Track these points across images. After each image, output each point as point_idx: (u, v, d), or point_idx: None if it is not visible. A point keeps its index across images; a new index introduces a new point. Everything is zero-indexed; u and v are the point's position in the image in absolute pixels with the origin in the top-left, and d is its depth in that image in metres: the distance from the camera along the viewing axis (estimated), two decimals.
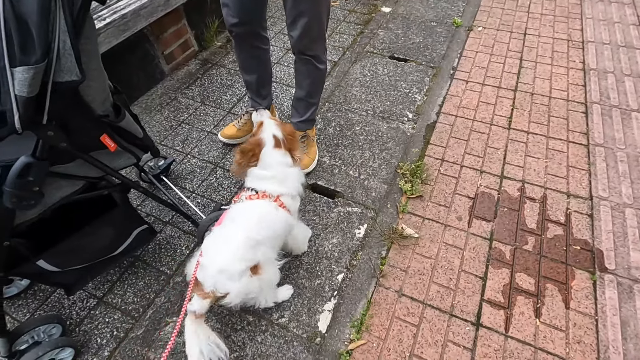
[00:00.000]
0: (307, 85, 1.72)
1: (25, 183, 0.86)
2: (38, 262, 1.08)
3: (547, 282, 1.45)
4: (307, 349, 1.31)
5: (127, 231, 1.27)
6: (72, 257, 1.16)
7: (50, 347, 1.17)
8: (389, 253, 1.57)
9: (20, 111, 0.75)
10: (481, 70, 2.47)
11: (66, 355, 1.25)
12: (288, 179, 1.24)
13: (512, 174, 1.84)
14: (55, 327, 1.26)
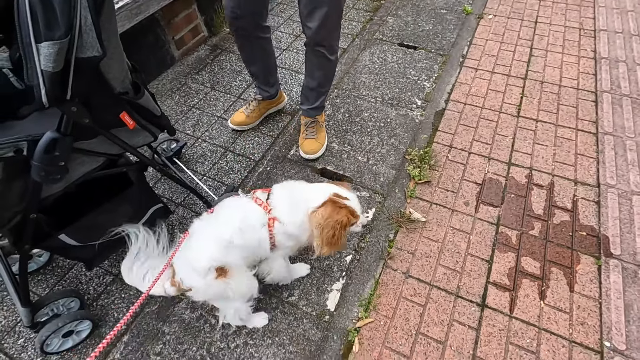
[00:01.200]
0: (319, 77, 1.72)
1: (52, 158, 0.89)
2: (60, 237, 1.12)
3: (553, 266, 1.48)
4: (316, 326, 1.35)
5: (143, 209, 1.31)
6: (92, 232, 1.20)
7: (69, 319, 1.22)
8: (397, 236, 1.60)
9: (47, 86, 0.78)
10: (491, 58, 2.46)
11: (84, 328, 1.30)
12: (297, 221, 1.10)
13: (520, 161, 1.85)
14: (73, 301, 1.31)
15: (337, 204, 1.08)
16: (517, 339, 1.30)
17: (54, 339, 1.23)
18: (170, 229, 1.62)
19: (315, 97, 1.81)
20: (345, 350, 1.30)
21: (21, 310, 1.15)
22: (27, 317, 1.16)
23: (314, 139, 1.86)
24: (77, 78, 0.84)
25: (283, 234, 1.12)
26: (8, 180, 0.88)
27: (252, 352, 1.30)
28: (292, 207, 1.11)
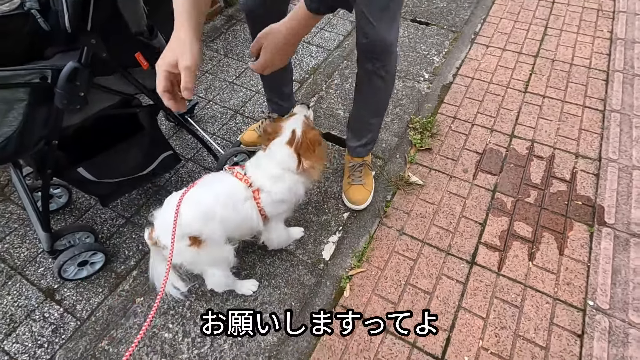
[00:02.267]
0: (376, 102, 1.44)
1: (73, 87, 0.98)
2: (79, 170, 1.22)
3: (545, 231, 1.51)
4: (311, 272, 1.43)
5: (154, 153, 1.40)
6: (107, 170, 1.30)
7: (84, 248, 1.34)
8: (394, 197, 1.65)
9: (70, 12, 0.86)
10: (503, 36, 2.45)
11: (98, 260, 1.42)
12: (280, 181, 1.13)
13: (522, 134, 1.87)
14: (89, 236, 1.43)
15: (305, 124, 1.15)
16: (502, 294, 1.35)
17: (70, 266, 1.35)
18: (179, 183, 1.72)
19: (368, 129, 1.53)
20: (336, 295, 1.38)
21: (42, 235, 1.26)
22: (47, 243, 1.27)
23: (361, 184, 1.59)
24: (97, 11, 0.92)
25: (271, 203, 1.14)
26: (34, 104, 0.97)
27: None
28: (269, 169, 1.12)
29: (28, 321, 1.32)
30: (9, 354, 1.25)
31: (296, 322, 1.29)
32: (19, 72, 0.91)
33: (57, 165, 1.16)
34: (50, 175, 1.16)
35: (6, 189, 1.68)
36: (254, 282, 1.39)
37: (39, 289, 1.40)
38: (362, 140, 1.56)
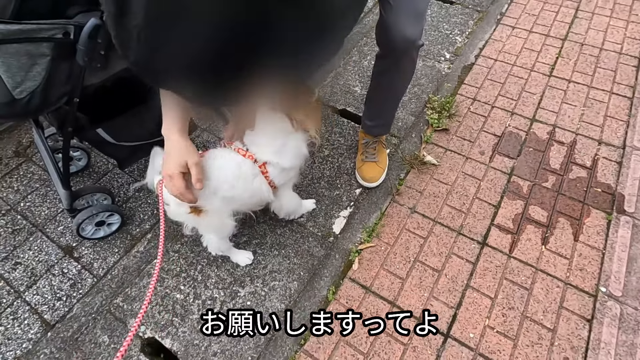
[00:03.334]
0: (393, 92, 1.44)
1: (95, 44, 0.98)
2: (98, 130, 1.24)
3: (560, 216, 1.48)
4: (321, 245, 1.45)
5: None
6: (125, 132, 1.32)
7: (102, 208, 1.37)
8: (407, 176, 1.64)
9: None
10: (531, 18, 2.35)
11: (114, 222, 1.46)
12: (284, 149, 1.10)
13: (544, 118, 1.82)
14: (106, 198, 1.46)
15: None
16: (512, 276, 1.34)
17: (88, 225, 1.39)
18: (201, 146, 1.73)
19: (388, 110, 1.52)
20: (345, 267, 1.39)
21: (62, 193, 1.30)
22: (67, 200, 1.31)
23: (374, 162, 1.58)
24: None
25: (280, 173, 1.13)
26: (57, 59, 0.98)
27: (259, 259, 1.41)
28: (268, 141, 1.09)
29: (48, 275, 1.38)
30: (30, 305, 1.31)
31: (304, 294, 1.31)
32: (43, 26, 0.92)
33: (77, 124, 1.18)
34: (71, 133, 1.18)
35: (28, 150, 1.73)
36: (249, 255, 1.39)
37: (58, 246, 1.45)
38: (378, 122, 1.55)
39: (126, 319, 1.28)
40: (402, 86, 1.42)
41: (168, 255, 1.43)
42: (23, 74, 0.94)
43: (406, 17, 1.11)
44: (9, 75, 0.92)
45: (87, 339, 1.24)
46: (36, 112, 1.03)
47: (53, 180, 1.36)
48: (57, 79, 1.01)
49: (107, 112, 1.26)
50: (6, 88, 0.93)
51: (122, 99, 1.27)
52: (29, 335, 1.25)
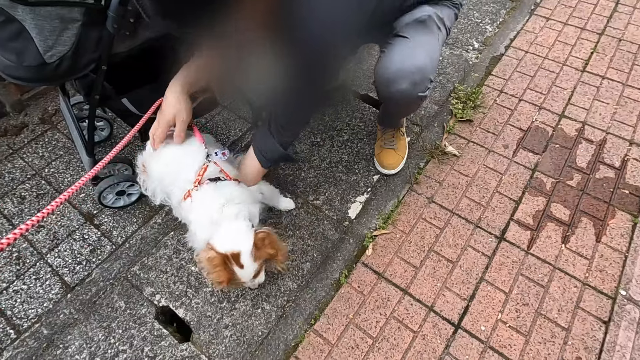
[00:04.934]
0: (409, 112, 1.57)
1: (125, 11, 0.98)
2: (123, 100, 1.26)
3: (584, 216, 1.44)
4: (335, 228, 1.45)
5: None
6: (149, 104, 1.33)
7: (123, 178, 1.40)
8: (427, 165, 1.61)
9: None
10: (567, 9, 2.25)
11: (134, 192, 1.48)
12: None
13: (573, 115, 1.75)
14: (127, 168, 1.49)
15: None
16: (528, 272, 1.32)
17: (109, 194, 1.42)
18: (214, 130, 1.74)
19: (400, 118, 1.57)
20: (358, 252, 1.39)
21: (85, 159, 1.32)
22: (90, 167, 1.33)
23: (393, 149, 1.55)
24: None
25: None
26: (87, 25, 0.98)
27: None
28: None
29: (69, 240, 1.42)
30: (52, 267, 1.36)
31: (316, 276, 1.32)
32: None
33: (104, 93, 1.19)
34: (97, 101, 1.19)
35: (54, 117, 1.77)
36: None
37: (80, 212, 1.49)
38: (389, 121, 1.57)
39: (142, 287, 1.31)
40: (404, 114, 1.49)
41: (185, 228, 1.45)
42: (54, 38, 0.94)
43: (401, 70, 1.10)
44: (41, 39, 0.93)
45: (105, 303, 1.28)
46: (64, 77, 1.04)
47: (77, 147, 1.38)
48: (87, 45, 1.01)
49: (132, 83, 1.26)
50: (37, 51, 0.94)
51: (146, 70, 1.28)
52: (49, 295, 1.30)
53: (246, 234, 1.04)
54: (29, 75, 0.98)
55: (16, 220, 1.46)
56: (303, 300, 1.28)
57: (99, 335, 1.22)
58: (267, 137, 1.12)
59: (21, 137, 1.70)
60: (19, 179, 1.57)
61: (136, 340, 1.21)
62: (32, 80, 1.01)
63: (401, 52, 1.11)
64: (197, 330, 1.23)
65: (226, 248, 1.01)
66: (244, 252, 1.02)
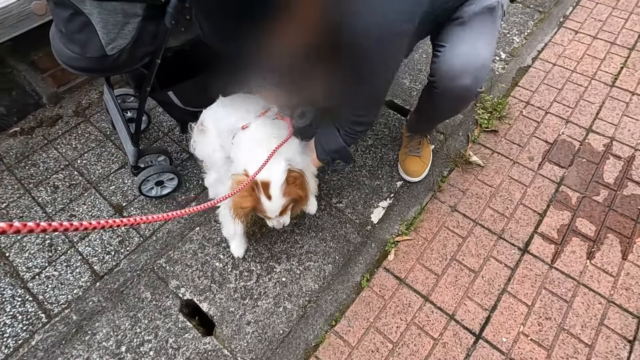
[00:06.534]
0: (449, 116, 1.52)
1: (182, 8, 1.02)
2: (169, 93, 1.30)
3: (610, 232, 1.43)
4: (358, 232, 1.46)
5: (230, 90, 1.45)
6: (191, 97, 1.37)
7: (163, 169, 1.44)
8: (451, 174, 1.61)
9: None
10: (597, 23, 2.23)
11: (169, 185, 1.52)
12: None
13: (601, 130, 1.74)
14: (165, 159, 1.53)
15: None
16: (552, 286, 1.31)
17: (148, 183, 1.45)
18: None
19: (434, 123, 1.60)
20: (380, 257, 1.40)
21: (130, 149, 1.37)
22: (133, 157, 1.38)
23: (417, 156, 1.56)
24: None
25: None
26: (146, 20, 1.02)
27: (297, 238, 1.44)
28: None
29: (99, 230, 1.46)
30: (82, 255, 1.40)
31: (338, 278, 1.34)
32: None
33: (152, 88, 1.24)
34: (147, 93, 1.24)
35: (87, 110, 1.83)
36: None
37: (109, 203, 1.53)
38: (423, 127, 1.56)
39: (168, 280, 1.35)
40: (452, 115, 1.47)
41: (210, 224, 1.48)
42: (116, 32, 0.99)
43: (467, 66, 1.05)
44: (105, 32, 0.98)
45: (132, 293, 1.32)
46: (122, 68, 1.09)
47: (121, 138, 1.43)
48: (144, 39, 1.06)
49: (176, 77, 1.31)
50: (100, 44, 0.99)
51: (189, 66, 1.32)
52: (79, 283, 1.34)
53: (281, 167, 1.04)
54: (90, 66, 1.05)
55: (49, 208, 1.51)
56: (324, 301, 1.30)
57: (125, 324, 1.26)
58: (331, 130, 1.19)
59: (55, 129, 1.76)
60: (53, 169, 1.63)
61: (161, 331, 1.24)
62: (92, 70, 1.07)
63: (466, 45, 1.06)
64: (220, 325, 1.25)
65: (259, 175, 1.01)
66: (274, 184, 1.02)
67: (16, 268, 1.37)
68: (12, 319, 1.26)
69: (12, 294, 1.31)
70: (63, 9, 0.98)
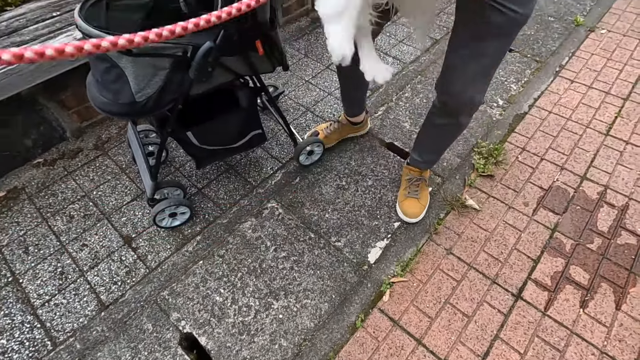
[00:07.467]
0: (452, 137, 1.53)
1: (205, 62, 1.15)
2: (188, 133, 1.41)
3: (603, 281, 1.45)
4: (355, 271, 1.51)
5: (248, 129, 1.56)
6: (209, 136, 1.48)
7: (177, 202, 1.53)
8: (447, 217, 1.67)
9: (221, 5, 1.03)
10: (592, 73, 2.33)
11: (180, 218, 1.60)
12: None
13: (595, 178, 1.79)
14: (179, 191, 1.63)
15: None
16: (545, 335, 1.32)
17: (163, 214, 1.54)
18: (248, 166, 1.87)
19: (437, 151, 1.61)
20: (375, 297, 1.44)
21: (149, 183, 1.47)
22: (151, 190, 1.48)
23: (416, 198, 1.64)
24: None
25: None
26: (172, 72, 1.16)
27: (295, 276, 1.49)
28: None
29: (108, 260, 1.54)
30: (90, 284, 1.47)
31: (333, 317, 1.37)
32: (169, 45, 1.11)
33: (173, 128, 1.36)
34: (168, 134, 1.36)
35: (106, 144, 1.95)
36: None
37: (120, 234, 1.62)
38: (425, 158, 1.62)
39: (169, 312, 1.40)
40: (454, 135, 1.51)
41: (212, 258, 1.55)
42: (146, 82, 1.13)
43: (470, 78, 1.14)
44: (136, 82, 1.11)
45: (134, 324, 1.37)
46: (148, 112, 1.21)
47: (140, 171, 1.54)
48: (170, 88, 1.19)
49: (196, 120, 1.42)
50: (131, 92, 1.13)
51: (207, 109, 1.44)
52: (85, 312, 1.40)
53: None
54: (121, 111, 1.18)
55: (63, 237, 1.60)
56: (319, 340, 1.33)
57: (126, 355, 1.30)
58: None
59: (76, 161, 1.88)
60: (70, 199, 1.73)
61: None
62: (122, 114, 1.20)
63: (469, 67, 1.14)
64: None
65: None
66: None
67: (28, 294, 1.44)
68: (20, 345, 1.32)
69: (22, 320, 1.38)
70: (102, 62, 1.11)
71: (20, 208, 1.70)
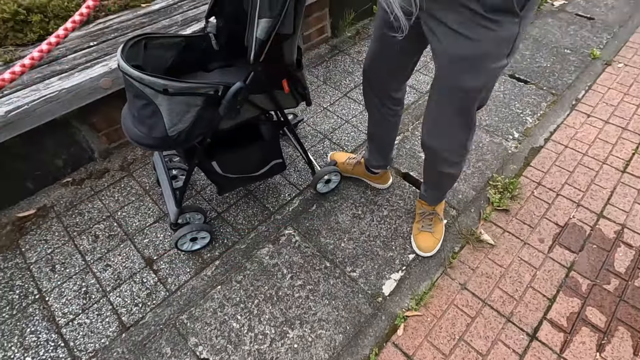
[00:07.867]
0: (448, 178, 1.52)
1: (235, 101, 1.22)
2: (212, 163, 1.48)
3: (620, 324, 1.44)
4: (369, 303, 1.53)
5: (269, 159, 1.61)
6: (232, 166, 1.54)
7: (199, 227, 1.59)
8: (462, 251, 1.68)
9: (255, 49, 1.11)
10: (609, 108, 2.34)
11: (200, 243, 1.66)
12: None
13: (612, 216, 1.79)
14: (200, 216, 1.68)
15: None
16: None
17: (184, 239, 1.59)
18: (266, 192, 1.93)
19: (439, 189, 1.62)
20: (390, 331, 1.45)
21: (173, 209, 1.53)
22: (174, 215, 1.54)
23: (430, 232, 1.65)
24: (270, 48, 1.15)
25: None
26: (204, 109, 1.23)
27: (310, 305, 1.52)
28: None
29: (130, 282, 1.59)
30: (112, 305, 1.52)
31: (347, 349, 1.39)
32: (202, 85, 1.19)
33: (200, 159, 1.43)
34: (195, 164, 1.42)
35: (131, 166, 2.04)
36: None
37: (142, 256, 1.67)
38: (428, 194, 1.65)
39: (188, 336, 1.43)
40: (452, 179, 1.53)
41: (230, 284, 1.59)
42: (179, 118, 1.21)
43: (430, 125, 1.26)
44: (169, 118, 1.19)
45: (153, 347, 1.41)
46: (179, 145, 1.29)
47: (165, 196, 1.60)
48: (200, 124, 1.26)
49: (221, 151, 1.49)
50: (164, 127, 1.21)
51: (233, 142, 1.51)
52: (107, 333, 1.45)
53: None
54: (154, 144, 1.25)
55: (88, 257, 1.66)
56: None
57: None
58: None
59: (102, 181, 1.96)
60: (96, 219, 1.80)
61: None
62: (154, 147, 1.28)
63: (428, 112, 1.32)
64: None
65: None
66: None
67: (53, 312, 1.50)
68: None
69: (47, 338, 1.43)
70: (139, 99, 1.19)
71: (48, 226, 1.77)
